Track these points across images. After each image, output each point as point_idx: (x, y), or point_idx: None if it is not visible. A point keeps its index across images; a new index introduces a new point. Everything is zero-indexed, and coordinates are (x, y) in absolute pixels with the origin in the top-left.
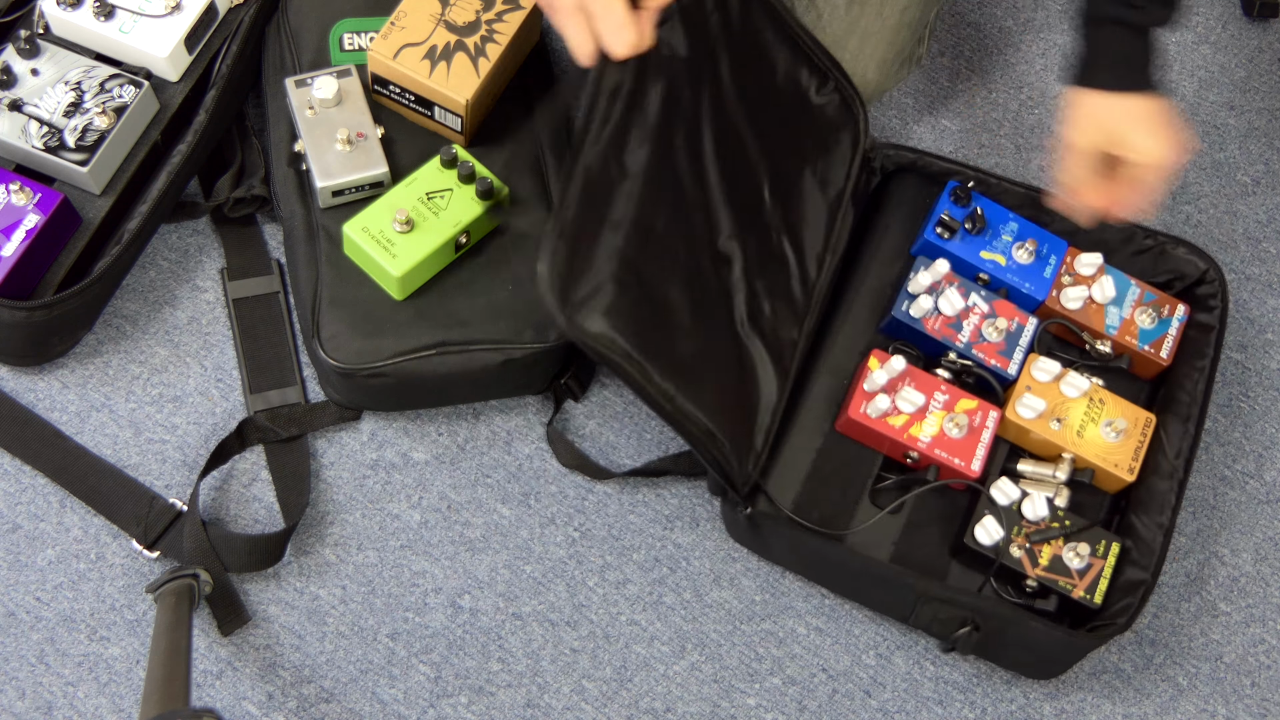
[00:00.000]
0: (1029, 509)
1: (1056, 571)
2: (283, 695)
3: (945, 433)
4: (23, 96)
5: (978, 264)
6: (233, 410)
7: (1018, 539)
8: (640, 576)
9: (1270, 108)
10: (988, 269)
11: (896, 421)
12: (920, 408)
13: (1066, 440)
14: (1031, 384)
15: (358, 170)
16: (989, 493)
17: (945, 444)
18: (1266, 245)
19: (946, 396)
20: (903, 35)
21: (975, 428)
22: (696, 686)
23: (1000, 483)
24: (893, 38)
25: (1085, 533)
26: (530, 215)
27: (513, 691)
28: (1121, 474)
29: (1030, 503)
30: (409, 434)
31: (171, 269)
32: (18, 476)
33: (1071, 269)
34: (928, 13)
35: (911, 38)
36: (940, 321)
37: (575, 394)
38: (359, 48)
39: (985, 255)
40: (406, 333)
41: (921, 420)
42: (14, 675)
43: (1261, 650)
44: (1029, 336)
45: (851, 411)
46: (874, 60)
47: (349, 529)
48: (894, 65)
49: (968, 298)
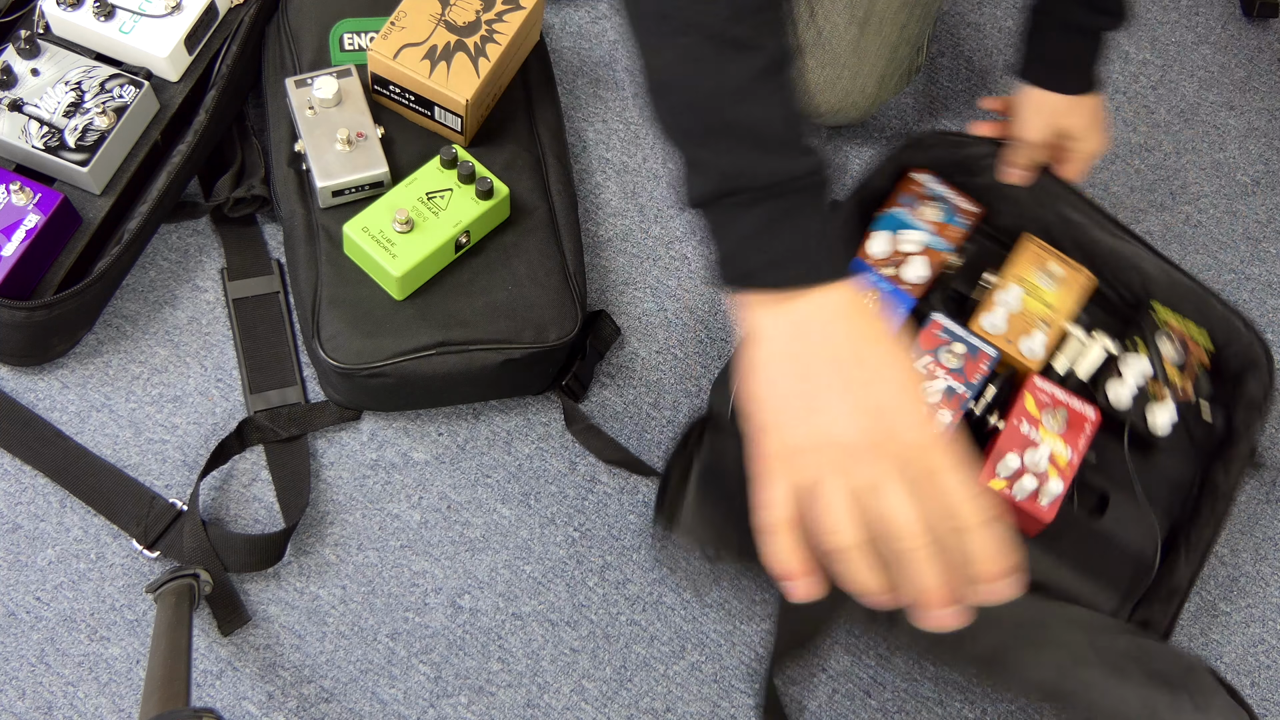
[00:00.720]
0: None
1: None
2: (283, 695)
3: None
4: (23, 96)
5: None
6: (233, 410)
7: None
8: (640, 576)
9: (1270, 108)
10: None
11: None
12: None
13: (1045, 315)
14: (990, 309)
15: (358, 170)
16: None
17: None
18: (1266, 245)
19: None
20: (902, 51)
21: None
22: (696, 686)
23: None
24: (891, 54)
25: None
26: (530, 215)
27: (513, 691)
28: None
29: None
30: (409, 434)
31: (171, 269)
32: (18, 476)
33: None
34: (926, 27)
35: (910, 51)
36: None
37: (576, 394)
38: (359, 48)
39: None
40: (406, 333)
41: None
42: (14, 675)
43: (1261, 650)
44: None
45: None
46: (874, 76)
47: (349, 529)
48: (893, 79)
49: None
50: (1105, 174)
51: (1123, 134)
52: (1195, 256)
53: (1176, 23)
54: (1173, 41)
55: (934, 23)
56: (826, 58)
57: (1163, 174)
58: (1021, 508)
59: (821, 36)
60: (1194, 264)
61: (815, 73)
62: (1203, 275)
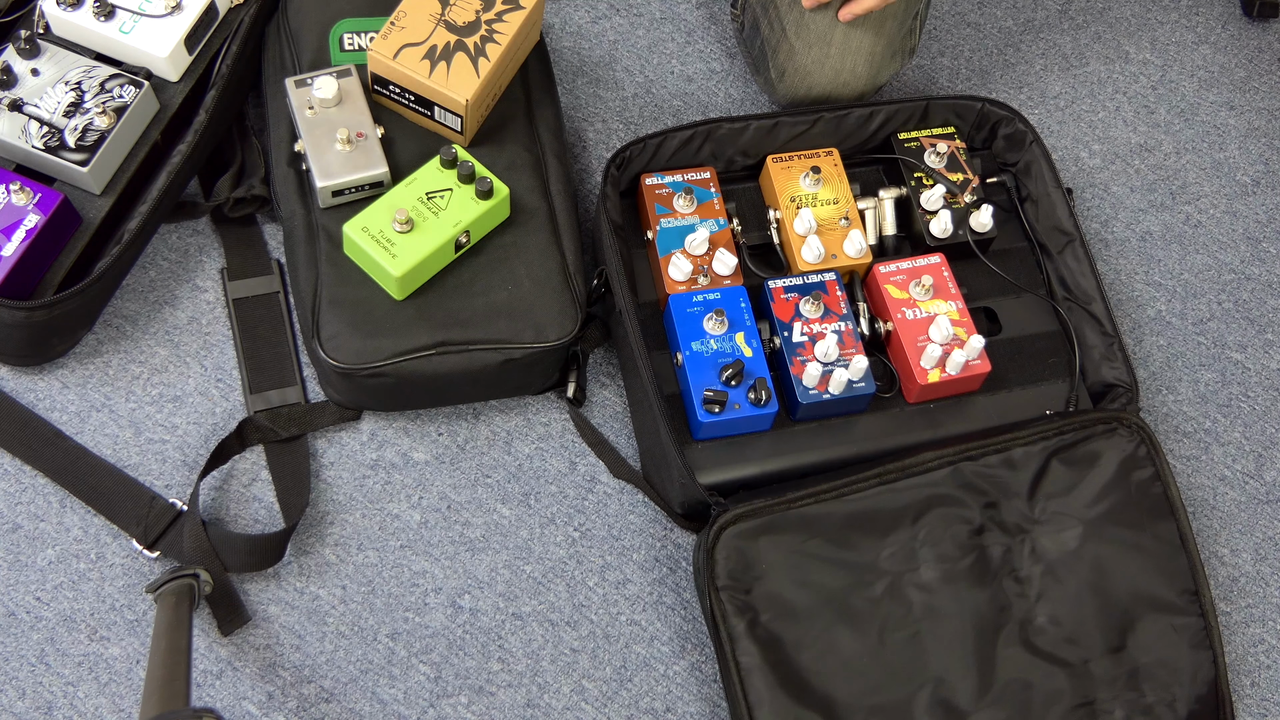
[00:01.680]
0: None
1: None
2: (283, 695)
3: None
4: (23, 96)
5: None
6: (233, 410)
7: None
8: (640, 576)
9: (1270, 108)
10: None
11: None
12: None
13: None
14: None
15: (358, 170)
16: None
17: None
18: (1266, 245)
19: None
20: (889, 26)
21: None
22: (696, 686)
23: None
24: (877, 30)
25: None
26: (530, 215)
27: (513, 691)
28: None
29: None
30: (409, 434)
31: (171, 269)
32: (18, 476)
33: None
34: (915, 3)
35: (900, 29)
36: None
37: (578, 400)
38: (359, 48)
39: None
40: (406, 333)
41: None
42: (14, 675)
43: (1261, 650)
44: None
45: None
46: (862, 54)
47: (349, 529)
48: (884, 58)
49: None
50: (1105, 174)
51: (1123, 134)
52: (1195, 256)
53: (1176, 23)
54: (1173, 41)
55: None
56: (812, 37)
57: (1163, 174)
58: (965, 376)
59: (805, 16)
60: (1194, 264)
61: (803, 54)
62: (1203, 275)
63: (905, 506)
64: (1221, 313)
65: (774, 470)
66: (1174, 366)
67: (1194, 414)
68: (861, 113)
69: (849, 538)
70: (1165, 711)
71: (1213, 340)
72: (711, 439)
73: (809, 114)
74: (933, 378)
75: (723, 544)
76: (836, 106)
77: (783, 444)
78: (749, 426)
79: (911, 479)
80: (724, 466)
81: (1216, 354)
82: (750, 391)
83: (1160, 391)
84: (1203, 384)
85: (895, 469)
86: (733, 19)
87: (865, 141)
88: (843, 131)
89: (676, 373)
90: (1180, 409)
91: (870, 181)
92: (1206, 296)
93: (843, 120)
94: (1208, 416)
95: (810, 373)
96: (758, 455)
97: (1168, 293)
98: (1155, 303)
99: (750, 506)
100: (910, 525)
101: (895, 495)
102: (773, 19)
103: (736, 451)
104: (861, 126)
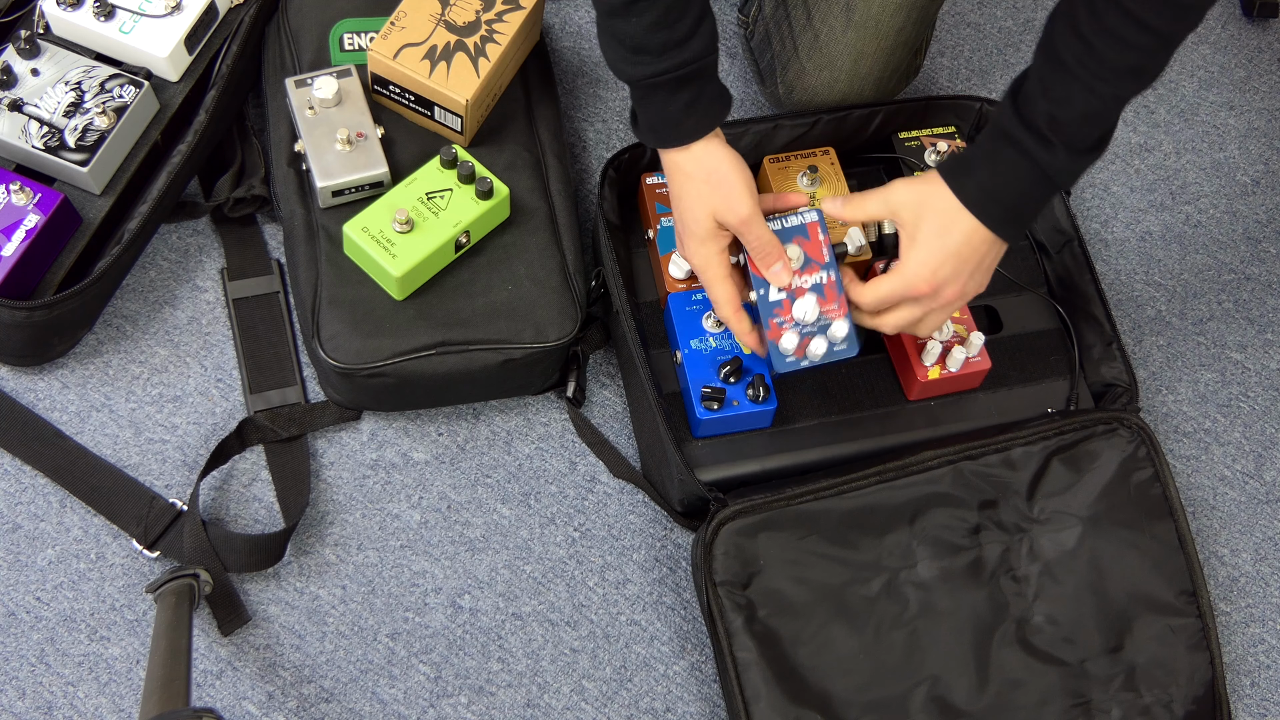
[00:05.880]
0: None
1: None
2: (283, 695)
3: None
4: (23, 96)
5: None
6: (233, 410)
7: None
8: (640, 576)
9: (1270, 108)
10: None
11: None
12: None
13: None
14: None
15: (358, 170)
16: None
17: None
18: (1266, 245)
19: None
20: (898, 54)
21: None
22: (696, 686)
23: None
24: (888, 58)
25: None
26: (530, 215)
27: (513, 691)
28: None
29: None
30: (409, 434)
31: (171, 269)
32: (18, 476)
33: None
34: (924, 30)
35: (907, 54)
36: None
37: (578, 400)
38: (359, 48)
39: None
40: (406, 333)
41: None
42: (14, 675)
43: (1261, 650)
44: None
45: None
46: (871, 78)
47: (349, 529)
48: (890, 81)
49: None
50: (1105, 174)
51: (1123, 134)
52: (1195, 256)
53: None
54: None
55: (933, 26)
56: (823, 60)
57: (1163, 174)
58: (965, 373)
59: (819, 40)
60: (1194, 264)
61: (813, 75)
62: (1202, 275)
63: (904, 504)
64: (1221, 313)
65: (773, 468)
66: (1174, 366)
67: (1194, 414)
68: (862, 113)
69: (848, 535)
70: (1162, 712)
71: (1213, 340)
72: (711, 437)
73: (809, 116)
74: (933, 375)
75: (721, 539)
76: (837, 108)
77: (782, 441)
78: (748, 423)
79: (911, 477)
80: (723, 464)
81: (1216, 354)
82: (749, 388)
83: (1160, 391)
84: (1202, 384)
85: (895, 467)
86: (739, 24)
87: (866, 142)
88: (843, 132)
89: (676, 371)
90: (1180, 409)
91: (870, 181)
92: (1206, 296)
93: (843, 121)
94: (1207, 416)
95: (787, 342)
96: (757, 453)
97: (1167, 293)
98: (1155, 303)
99: (749, 502)
100: (909, 523)
101: (894, 493)
102: (785, 38)
103: (736, 449)
104: (862, 127)
